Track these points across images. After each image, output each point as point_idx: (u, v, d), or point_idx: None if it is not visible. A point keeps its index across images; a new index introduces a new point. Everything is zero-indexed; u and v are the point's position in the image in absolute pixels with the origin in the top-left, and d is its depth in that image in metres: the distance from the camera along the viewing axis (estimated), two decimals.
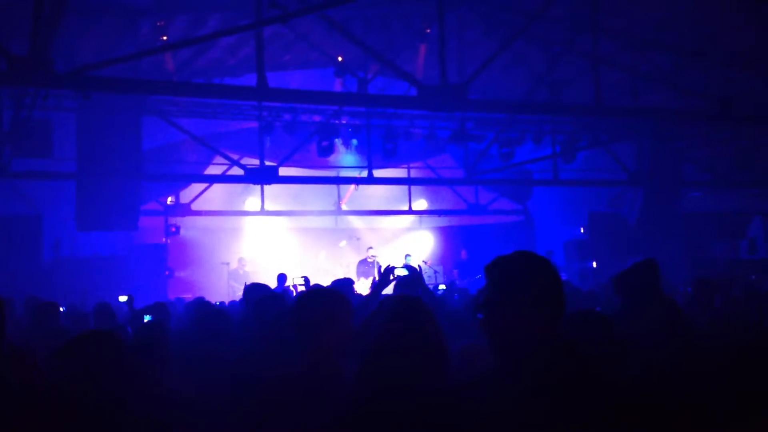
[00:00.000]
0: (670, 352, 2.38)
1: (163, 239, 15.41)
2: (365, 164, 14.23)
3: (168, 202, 15.23)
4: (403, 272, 5.74)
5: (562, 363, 1.94)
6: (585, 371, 1.93)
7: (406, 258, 15.69)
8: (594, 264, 15.59)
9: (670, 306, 2.62)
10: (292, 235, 17.94)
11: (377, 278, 6.89)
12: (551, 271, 2.08)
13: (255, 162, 13.04)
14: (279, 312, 4.76)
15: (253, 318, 4.86)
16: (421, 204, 18.80)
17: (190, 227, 16.33)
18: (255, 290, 5.81)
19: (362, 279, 14.60)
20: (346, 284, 5.97)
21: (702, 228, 15.96)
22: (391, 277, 5.73)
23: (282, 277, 13.33)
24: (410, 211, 18.33)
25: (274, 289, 12.38)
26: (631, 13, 11.15)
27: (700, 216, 16.17)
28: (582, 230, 16.70)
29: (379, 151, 14.31)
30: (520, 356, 1.97)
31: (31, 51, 6.11)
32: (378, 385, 2.19)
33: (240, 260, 16.11)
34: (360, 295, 7.44)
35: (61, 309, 8.88)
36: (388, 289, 5.83)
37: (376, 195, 17.77)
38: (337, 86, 13.16)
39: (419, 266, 15.04)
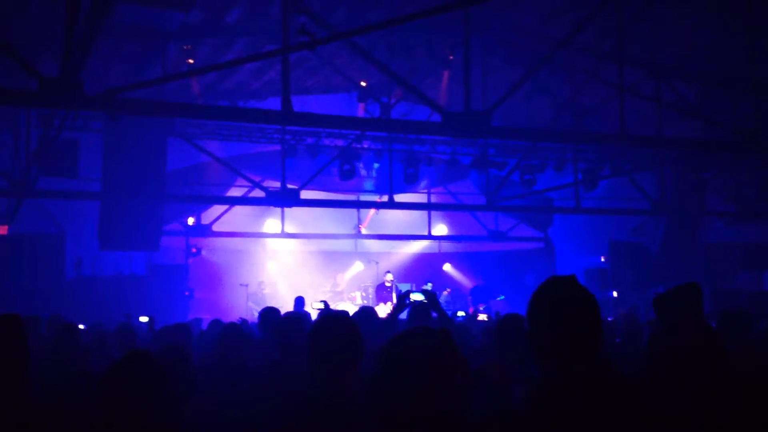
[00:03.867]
0: (708, 386, 2.36)
1: (184, 260, 15.48)
2: (386, 189, 14.25)
3: (189, 223, 15.32)
4: (419, 297, 5.73)
5: (596, 391, 1.93)
6: (622, 399, 1.92)
7: (426, 285, 15.62)
8: (615, 293, 15.43)
9: (711, 336, 2.59)
10: (311, 257, 17.94)
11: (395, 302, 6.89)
12: (586, 299, 2.07)
13: (277, 184, 13.11)
14: (299, 335, 4.76)
15: (272, 341, 4.87)
16: (441, 229, 18.77)
17: (210, 248, 16.41)
18: (270, 314, 5.83)
19: (381, 304, 14.53)
20: (368, 313, 5.97)
21: (725, 258, 15.76)
22: (407, 302, 5.73)
23: (300, 301, 13.32)
24: (429, 236, 18.29)
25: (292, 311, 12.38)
26: (656, 41, 11.14)
27: (723, 246, 15.98)
28: (603, 259, 16.56)
29: (400, 175, 14.34)
30: (559, 382, 1.98)
31: (63, 73, 6.20)
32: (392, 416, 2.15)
33: (260, 283, 16.14)
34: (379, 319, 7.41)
35: (81, 327, 8.95)
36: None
37: (395, 219, 17.77)
38: (359, 111, 13.26)
39: (443, 294, 14.96)
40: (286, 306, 13.31)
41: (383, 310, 13.86)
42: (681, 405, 2.07)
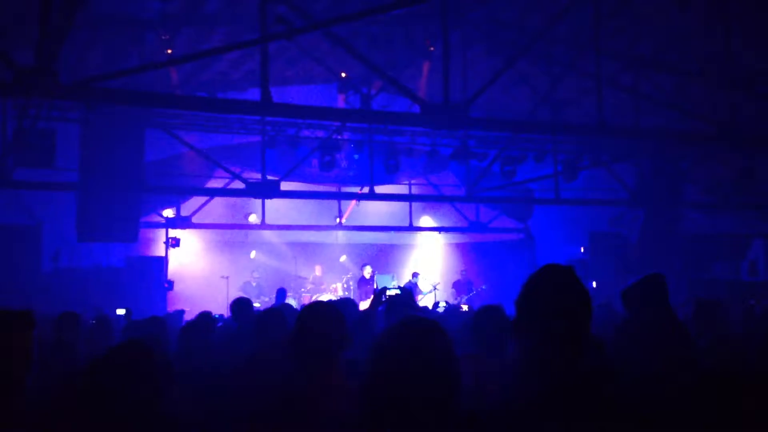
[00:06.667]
0: (673, 375, 2.37)
1: (163, 252, 15.39)
2: (367, 180, 14.23)
3: (167, 215, 15.22)
4: (395, 292, 5.79)
5: (578, 387, 1.91)
6: (600, 397, 1.90)
7: (413, 277, 15.62)
8: (594, 284, 15.55)
9: (677, 324, 2.60)
10: (291, 249, 17.90)
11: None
12: (572, 289, 2.01)
13: (257, 176, 13.05)
14: (279, 327, 4.76)
15: (254, 332, 4.86)
16: (425, 221, 18.82)
17: (190, 240, 16.31)
18: (242, 305, 5.85)
19: (365, 300, 14.46)
20: (346, 304, 6.00)
21: (702, 249, 15.94)
22: (383, 299, 5.79)
23: (281, 292, 13.29)
24: (410, 228, 18.32)
25: (274, 304, 12.36)
26: (633, 33, 11.20)
27: (701, 237, 16.15)
28: (582, 249, 16.67)
29: (380, 167, 14.33)
30: (538, 377, 1.95)
31: (37, 62, 6.12)
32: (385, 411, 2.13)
33: (252, 272, 16.14)
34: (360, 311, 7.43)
35: None
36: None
37: (377, 212, 17.76)
38: (340, 102, 13.20)
39: (433, 286, 14.93)
40: (270, 297, 13.32)
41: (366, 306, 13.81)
42: (640, 396, 2.07)
